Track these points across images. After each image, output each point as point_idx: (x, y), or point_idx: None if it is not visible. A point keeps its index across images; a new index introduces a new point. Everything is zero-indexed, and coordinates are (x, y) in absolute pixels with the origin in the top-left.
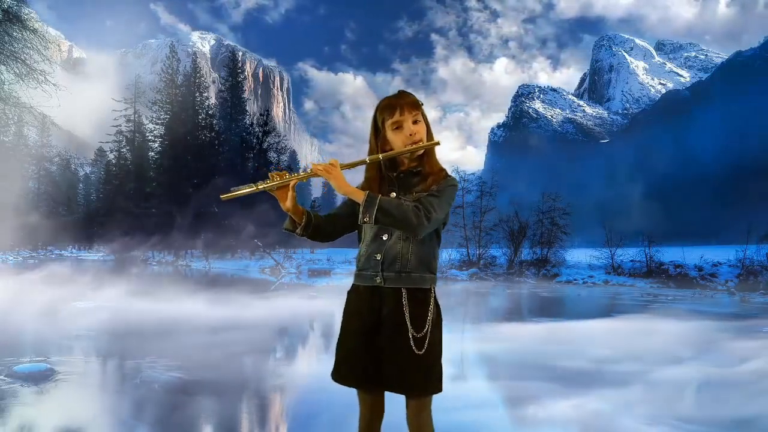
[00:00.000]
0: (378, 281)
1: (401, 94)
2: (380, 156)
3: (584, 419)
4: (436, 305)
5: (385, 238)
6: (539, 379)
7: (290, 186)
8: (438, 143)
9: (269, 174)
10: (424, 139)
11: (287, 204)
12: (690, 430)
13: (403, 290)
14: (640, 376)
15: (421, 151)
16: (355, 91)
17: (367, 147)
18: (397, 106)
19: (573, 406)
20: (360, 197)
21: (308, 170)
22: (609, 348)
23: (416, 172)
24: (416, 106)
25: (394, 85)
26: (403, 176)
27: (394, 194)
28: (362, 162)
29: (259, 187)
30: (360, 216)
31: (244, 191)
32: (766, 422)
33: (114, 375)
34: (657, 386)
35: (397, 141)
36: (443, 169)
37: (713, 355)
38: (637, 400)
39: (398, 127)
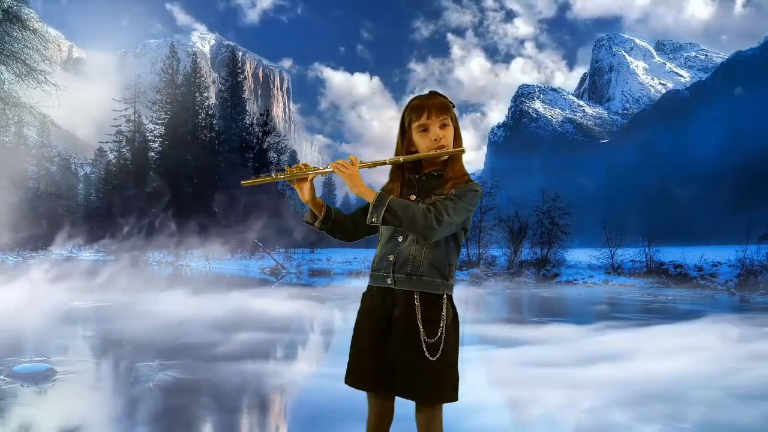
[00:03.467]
0: (389, 282)
1: (431, 95)
2: (401, 158)
3: (586, 420)
4: (453, 311)
5: (399, 240)
6: (540, 380)
7: (309, 179)
8: (463, 150)
9: (289, 167)
10: (451, 143)
11: (306, 196)
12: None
13: (416, 293)
14: (642, 378)
15: (446, 156)
16: (371, 92)
17: (387, 146)
18: (425, 108)
19: (574, 407)
20: (371, 197)
21: (328, 166)
22: (609, 348)
23: (438, 176)
24: (446, 109)
25: (410, 86)
26: (425, 179)
27: (414, 197)
28: (382, 162)
29: (279, 176)
30: (368, 216)
31: (264, 179)
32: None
33: (114, 375)
34: (660, 388)
35: (422, 144)
36: (466, 174)
37: (713, 355)
38: (641, 402)
39: (424, 129)
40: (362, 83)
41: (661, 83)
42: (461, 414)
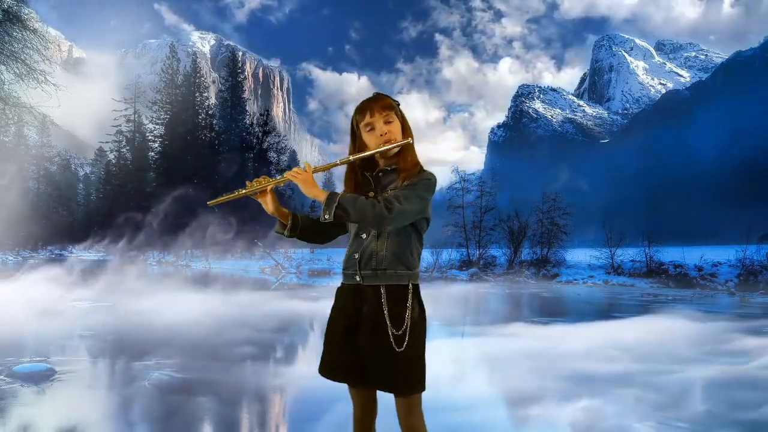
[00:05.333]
0: (358, 279)
1: (375, 97)
2: (351, 157)
3: (587, 421)
4: (418, 303)
5: (363, 237)
6: (540, 380)
7: (268, 190)
8: (408, 141)
9: (249, 182)
10: (398, 137)
11: (269, 208)
12: (694, 430)
13: (382, 288)
14: (641, 378)
15: (395, 150)
16: (359, 91)
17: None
18: (368, 108)
19: (574, 407)
20: (323, 197)
21: (284, 175)
22: (609, 348)
23: (393, 170)
24: (389, 106)
25: (397, 85)
26: (381, 175)
27: (372, 193)
28: (334, 164)
29: (241, 192)
30: (321, 214)
31: (228, 197)
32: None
33: (114, 375)
34: (657, 387)
35: (369, 142)
36: (418, 164)
37: (714, 355)
38: (640, 402)
39: (371, 128)
40: (350, 83)
41: (661, 83)
42: (461, 412)
